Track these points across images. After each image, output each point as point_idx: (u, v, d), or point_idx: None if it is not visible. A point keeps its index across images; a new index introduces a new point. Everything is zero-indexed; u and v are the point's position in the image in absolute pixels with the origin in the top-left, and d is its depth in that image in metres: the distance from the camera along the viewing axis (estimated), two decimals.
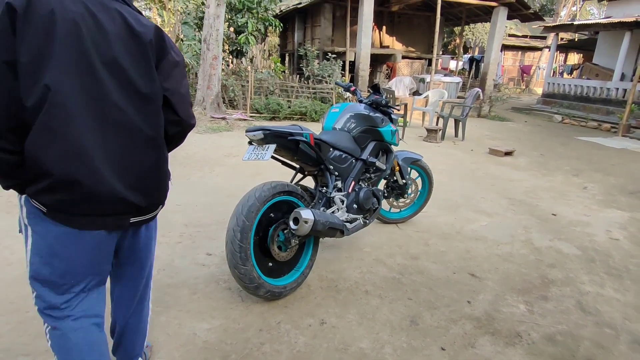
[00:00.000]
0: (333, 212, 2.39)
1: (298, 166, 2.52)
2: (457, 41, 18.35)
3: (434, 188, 3.48)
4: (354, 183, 2.61)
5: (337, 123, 2.66)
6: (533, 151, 6.93)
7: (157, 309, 2.00)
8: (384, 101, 2.77)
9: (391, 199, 3.28)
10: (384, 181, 3.16)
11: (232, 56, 10.03)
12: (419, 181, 3.42)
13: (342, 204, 2.46)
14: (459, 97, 12.37)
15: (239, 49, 9.68)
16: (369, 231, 3.13)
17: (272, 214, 2.14)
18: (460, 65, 19.16)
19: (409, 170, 3.22)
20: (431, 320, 2.12)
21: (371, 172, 2.80)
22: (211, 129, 6.77)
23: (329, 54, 10.98)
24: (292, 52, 16.58)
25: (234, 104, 8.64)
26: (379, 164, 2.77)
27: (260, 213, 2.02)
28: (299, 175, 2.61)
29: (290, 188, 2.19)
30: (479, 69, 16.82)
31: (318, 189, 2.48)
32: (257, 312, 2.07)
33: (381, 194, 2.86)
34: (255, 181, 2.13)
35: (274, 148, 2.08)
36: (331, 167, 2.44)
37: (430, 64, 13.71)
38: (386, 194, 3.20)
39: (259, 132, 2.05)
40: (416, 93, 12.15)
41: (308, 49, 11.64)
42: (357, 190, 2.63)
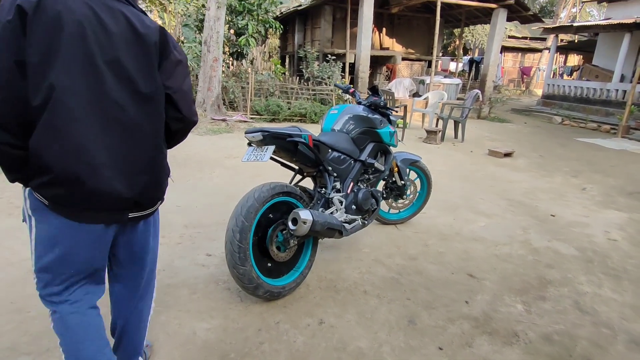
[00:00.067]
0: (332, 213, 2.41)
1: (297, 167, 2.54)
2: (457, 43, 18.38)
3: (432, 189, 3.49)
4: (352, 184, 2.62)
5: (336, 124, 2.68)
6: (532, 152, 6.95)
7: (157, 308, 2.01)
8: (382, 103, 2.79)
9: (390, 200, 3.29)
10: (383, 182, 3.18)
11: (232, 58, 10.07)
12: (418, 182, 3.44)
13: (341, 204, 2.48)
14: (458, 99, 12.38)
15: (240, 51, 9.72)
16: (368, 232, 3.15)
17: (271, 215, 2.16)
18: (460, 66, 19.19)
19: (408, 171, 3.23)
20: (429, 320, 2.13)
21: (370, 173, 2.82)
22: (211, 131, 6.80)
23: (328, 55, 11.02)
24: (292, 54, 16.62)
25: (234, 105, 8.67)
26: (377, 165, 2.78)
27: (259, 214, 2.04)
28: (298, 176, 2.62)
29: (289, 189, 2.21)
30: (478, 70, 16.84)
31: (317, 190, 2.50)
32: (256, 312, 2.09)
33: (380, 194, 2.87)
34: (255, 182, 2.15)
35: (273, 149, 2.10)
36: (330, 168, 2.45)
37: (430, 66, 13.73)
38: (385, 195, 3.21)
39: (258, 133, 2.07)
40: (416, 94, 12.16)
41: (308, 50, 11.68)
42: (356, 191, 2.65)
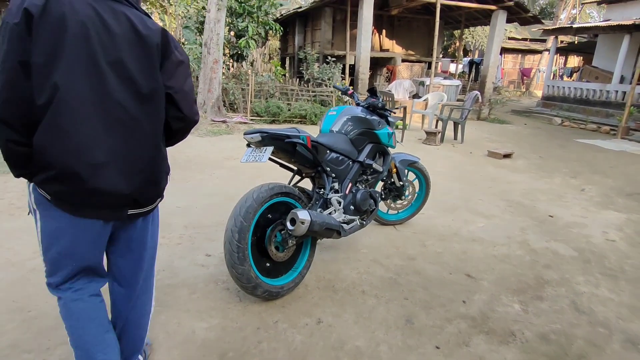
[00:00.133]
0: (330, 214, 2.43)
1: (296, 168, 2.56)
2: (457, 44, 18.41)
3: (431, 190, 3.51)
4: (351, 185, 2.64)
5: (335, 126, 2.70)
6: (532, 153, 6.97)
7: (157, 308, 2.03)
8: (380, 104, 2.81)
9: (389, 201, 3.31)
10: (381, 183, 3.20)
11: (232, 60, 10.10)
12: (417, 183, 3.46)
13: (339, 205, 2.50)
14: (458, 100, 12.40)
15: (240, 52, 9.76)
16: (366, 232, 3.17)
17: (269, 215, 2.18)
18: (460, 68, 19.21)
19: (407, 172, 3.26)
20: (426, 320, 2.15)
21: (368, 174, 2.84)
22: (212, 132, 6.83)
23: (329, 57, 11.06)
24: (292, 56, 16.67)
25: (235, 107, 8.70)
26: (375, 166, 2.80)
27: (257, 214, 2.06)
28: (297, 177, 2.64)
29: (287, 189, 2.23)
30: (478, 71, 16.86)
31: (315, 191, 2.52)
32: (254, 311, 2.11)
33: (378, 195, 2.89)
34: (254, 183, 2.17)
35: (272, 150, 2.12)
36: (328, 169, 2.47)
37: (430, 67, 13.75)
38: (384, 196, 3.23)
39: (257, 134, 2.10)
40: (416, 96, 12.19)
41: (308, 52, 11.72)
42: (354, 191, 2.67)
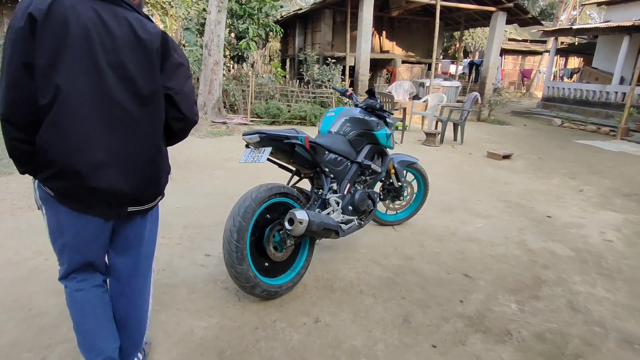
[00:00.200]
0: (328, 214, 2.45)
1: (294, 169, 2.58)
2: (457, 45, 18.44)
3: (430, 191, 3.53)
4: (349, 185, 2.66)
5: (333, 127, 2.72)
6: (531, 154, 6.98)
7: (156, 307, 2.05)
8: (378, 105, 2.84)
9: (387, 202, 3.33)
10: (380, 184, 3.22)
11: (233, 61, 10.14)
12: (415, 184, 3.48)
13: (338, 205, 2.52)
14: (458, 101, 12.42)
15: (240, 54, 9.79)
16: (365, 233, 3.18)
17: (268, 215, 2.20)
18: (460, 69, 19.24)
19: (405, 173, 3.28)
20: (423, 319, 2.17)
21: (367, 174, 2.86)
22: (212, 134, 6.85)
23: (329, 58, 11.09)
24: (293, 57, 16.71)
25: (235, 108, 8.74)
26: (374, 166, 2.83)
27: (256, 214, 2.08)
28: (296, 177, 2.67)
29: (286, 190, 2.25)
30: (478, 73, 16.88)
31: (314, 191, 2.54)
32: (253, 310, 2.13)
33: (376, 196, 2.91)
34: (254, 184, 2.20)
35: (270, 151, 2.15)
36: (326, 170, 2.49)
37: (430, 69, 13.78)
38: (382, 197, 3.25)
39: (255, 135, 2.12)
40: (416, 97, 12.21)
41: (308, 54, 11.75)
42: (353, 192, 2.69)
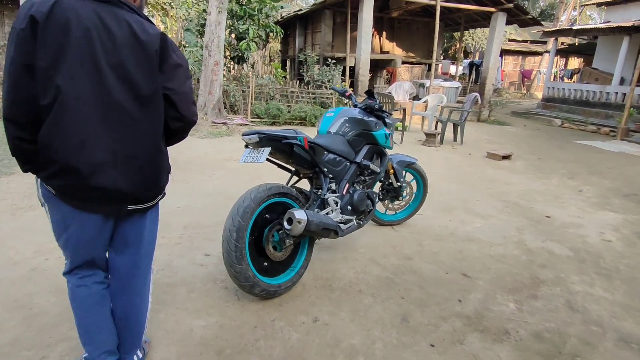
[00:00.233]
0: (327, 214, 2.46)
1: (293, 169, 2.59)
2: (458, 46, 18.46)
3: (429, 191, 3.54)
4: (348, 185, 2.67)
5: (332, 127, 2.73)
6: (530, 155, 6.99)
7: (156, 306, 2.07)
8: (376, 106, 2.85)
9: (386, 202, 3.34)
10: (379, 184, 3.23)
11: (233, 62, 10.16)
12: (414, 184, 3.49)
13: (336, 205, 2.53)
14: (458, 102, 12.43)
15: (240, 55, 9.81)
16: (364, 232, 3.19)
17: (267, 215, 2.21)
18: (461, 70, 19.25)
19: (404, 173, 3.29)
20: (422, 318, 2.18)
21: (366, 175, 2.87)
22: (212, 134, 6.87)
23: (329, 59, 11.11)
24: (293, 58, 16.73)
25: (235, 109, 8.75)
26: (373, 166, 2.83)
27: (255, 214, 2.09)
28: (295, 177, 2.68)
29: (285, 190, 2.26)
30: (479, 73, 16.89)
31: (313, 191, 2.56)
32: (252, 309, 2.14)
33: (375, 196, 2.92)
34: (254, 184, 2.20)
35: (269, 151, 2.16)
36: (325, 170, 2.51)
37: (430, 69, 13.79)
38: (381, 197, 3.26)
39: (255, 135, 2.13)
40: (416, 98, 12.22)
41: (308, 54, 11.77)
42: (352, 192, 2.70)
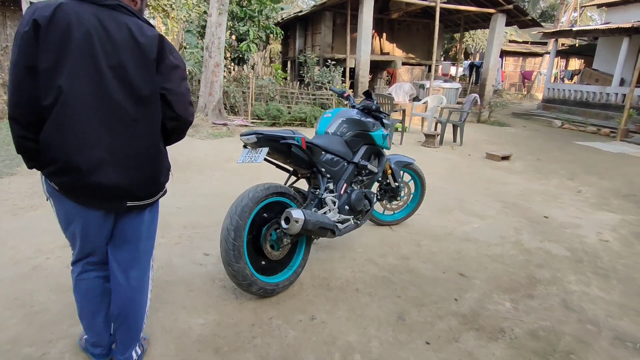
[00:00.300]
0: (324, 213, 2.49)
1: (291, 169, 2.62)
2: (458, 47, 18.49)
3: (428, 191, 3.56)
4: (345, 185, 2.70)
5: (330, 127, 2.76)
6: (530, 156, 7.00)
7: (155, 304, 2.09)
8: (374, 106, 2.87)
9: (384, 202, 3.36)
10: (377, 184, 3.25)
11: (233, 63, 10.20)
12: (412, 184, 3.51)
13: (334, 205, 2.55)
14: (458, 103, 12.45)
15: (241, 56, 9.85)
16: (362, 232, 3.22)
17: (265, 214, 2.24)
18: (461, 71, 19.26)
19: (402, 173, 3.31)
20: (418, 317, 2.20)
21: (363, 175, 2.89)
22: (212, 135, 6.90)
23: (329, 60, 11.14)
24: (293, 59, 16.78)
25: (235, 110, 8.79)
26: (370, 167, 2.86)
27: (253, 213, 2.12)
28: (293, 178, 2.70)
29: (283, 189, 2.29)
30: (479, 74, 16.91)
31: (310, 191, 2.58)
32: (250, 308, 2.16)
33: (373, 196, 2.94)
34: (253, 185, 2.24)
35: (267, 151, 2.18)
36: (323, 170, 2.53)
37: (430, 70, 13.82)
38: (379, 197, 3.29)
39: (252, 136, 2.16)
40: (416, 99, 12.24)
41: (308, 56, 11.81)
42: (349, 192, 2.72)
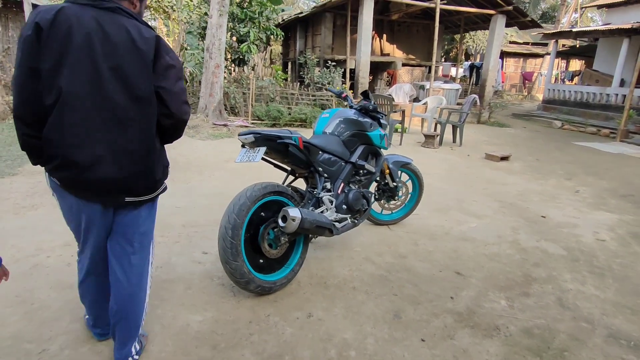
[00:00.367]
0: (322, 212, 2.51)
1: (289, 168, 2.65)
2: (459, 48, 18.52)
3: (426, 191, 3.58)
4: (343, 184, 2.72)
5: (327, 127, 2.79)
6: (529, 156, 7.02)
7: (154, 302, 2.12)
8: (371, 106, 2.90)
9: (382, 201, 3.39)
10: (375, 184, 3.27)
11: (234, 64, 10.24)
12: (410, 184, 3.53)
13: (331, 204, 2.58)
14: (458, 104, 12.48)
15: (241, 57, 9.89)
16: (360, 232, 3.24)
17: (262, 213, 2.27)
18: (461, 72, 19.29)
19: (400, 173, 3.33)
20: (414, 314, 2.22)
21: (361, 174, 2.91)
22: (213, 136, 6.93)
23: (329, 61, 11.18)
24: (294, 60, 16.83)
25: (236, 111, 8.82)
26: (368, 166, 2.88)
27: (250, 211, 2.14)
28: (291, 177, 2.73)
29: (280, 189, 2.31)
30: (479, 75, 16.93)
31: (308, 190, 2.61)
32: (247, 305, 2.19)
33: (371, 195, 2.97)
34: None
35: (264, 150, 2.21)
36: (320, 169, 2.56)
37: (430, 71, 13.85)
38: (377, 197, 3.31)
39: (250, 135, 2.19)
40: (416, 100, 12.28)
41: (308, 57, 11.85)
42: (347, 191, 2.75)
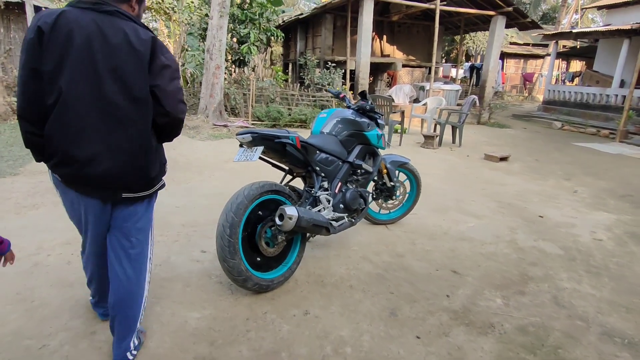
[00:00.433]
0: (319, 211, 2.53)
1: (287, 168, 2.67)
2: (459, 49, 18.55)
3: (425, 191, 3.60)
4: (340, 184, 2.75)
5: (325, 127, 2.81)
6: (528, 157, 7.03)
7: (152, 300, 2.15)
8: (368, 106, 2.92)
9: (380, 201, 3.41)
10: (373, 183, 3.30)
11: (234, 65, 10.28)
12: (407, 184, 3.55)
13: (328, 203, 2.60)
14: (458, 105, 12.50)
15: (242, 58, 9.93)
16: (358, 231, 3.26)
17: (260, 212, 2.29)
18: (461, 73, 19.31)
19: (397, 173, 3.36)
20: (410, 312, 2.24)
21: (359, 174, 2.94)
22: (213, 136, 6.97)
23: (329, 62, 11.21)
24: (294, 61, 16.87)
25: (236, 111, 8.85)
26: (365, 166, 2.91)
27: (248, 210, 2.17)
28: (289, 176, 2.76)
29: (278, 187, 2.34)
30: (479, 76, 16.95)
31: (305, 189, 2.63)
32: (245, 303, 2.21)
33: (368, 195, 2.99)
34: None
35: (262, 150, 2.24)
36: (318, 169, 2.58)
37: (430, 72, 13.87)
38: (375, 196, 3.33)
39: (248, 135, 2.22)
40: (416, 101, 12.30)
41: (308, 58, 11.88)
42: (344, 191, 2.77)
